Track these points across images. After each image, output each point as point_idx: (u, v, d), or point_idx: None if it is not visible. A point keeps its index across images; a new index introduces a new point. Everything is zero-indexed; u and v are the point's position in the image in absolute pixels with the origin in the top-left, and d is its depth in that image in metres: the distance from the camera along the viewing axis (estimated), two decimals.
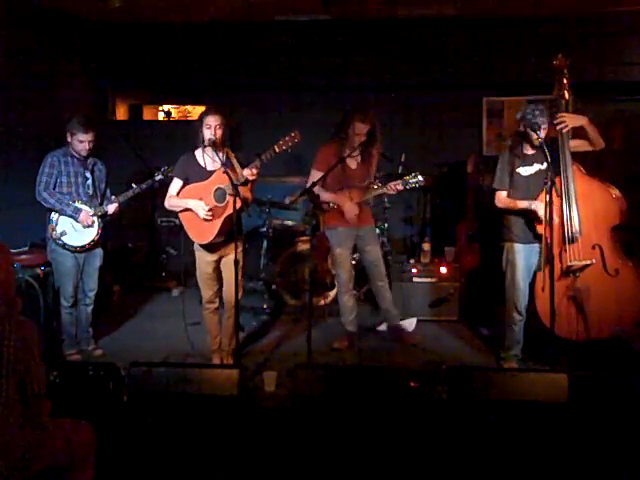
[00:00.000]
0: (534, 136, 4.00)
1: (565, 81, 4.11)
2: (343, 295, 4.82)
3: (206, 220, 4.06)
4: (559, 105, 4.12)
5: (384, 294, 4.88)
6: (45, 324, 4.59)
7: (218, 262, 4.26)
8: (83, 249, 4.55)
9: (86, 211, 4.50)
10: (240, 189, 3.91)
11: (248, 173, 4.00)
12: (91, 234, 4.55)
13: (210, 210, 4.05)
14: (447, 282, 5.47)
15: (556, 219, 3.97)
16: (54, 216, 4.47)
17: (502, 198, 4.22)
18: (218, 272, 4.29)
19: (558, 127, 4.00)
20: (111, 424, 3.09)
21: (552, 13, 6.06)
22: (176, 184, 4.23)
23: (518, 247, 4.19)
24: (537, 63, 6.11)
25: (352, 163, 4.70)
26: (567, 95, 4.11)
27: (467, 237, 6.14)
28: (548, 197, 3.70)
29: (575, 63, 4.18)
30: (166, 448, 3.11)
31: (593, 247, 4.08)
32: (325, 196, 4.59)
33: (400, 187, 4.57)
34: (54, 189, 4.45)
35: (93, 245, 4.59)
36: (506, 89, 6.65)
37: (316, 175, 4.54)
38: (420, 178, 4.54)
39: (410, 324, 5.29)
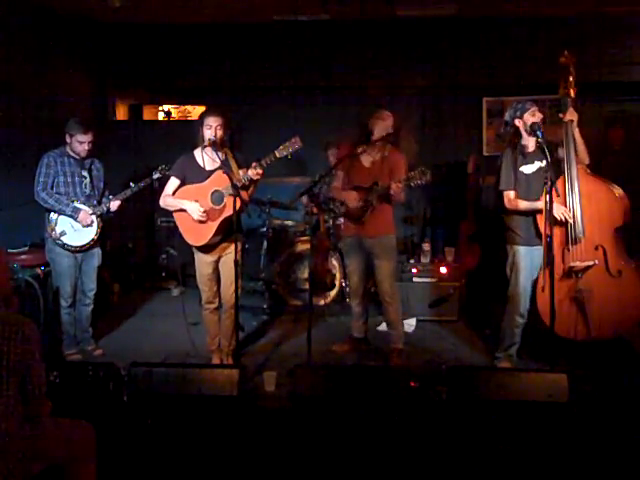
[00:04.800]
0: (531, 138, 4.00)
1: (571, 79, 4.04)
2: (352, 301, 4.76)
3: (201, 222, 4.04)
4: (565, 104, 4.05)
5: (387, 314, 4.55)
6: (45, 324, 4.60)
7: (217, 262, 4.25)
8: (82, 249, 4.55)
9: (85, 210, 4.50)
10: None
11: (253, 173, 3.95)
12: (90, 234, 4.55)
13: (205, 212, 4.03)
14: (447, 282, 5.47)
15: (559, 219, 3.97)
16: (53, 216, 4.47)
17: (512, 199, 4.10)
18: (217, 272, 4.29)
19: (567, 119, 3.97)
20: (111, 424, 3.09)
21: (552, 13, 6.07)
22: (173, 183, 4.20)
23: (523, 250, 4.12)
24: (537, 63, 6.11)
25: (366, 161, 4.41)
26: (573, 93, 4.05)
27: (467, 237, 6.14)
28: (548, 197, 3.69)
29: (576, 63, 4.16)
30: (166, 448, 3.11)
31: (596, 248, 4.05)
32: (337, 195, 4.51)
33: (401, 184, 4.13)
34: (51, 189, 4.45)
35: (92, 245, 4.59)
36: (506, 89, 6.65)
37: (338, 176, 4.52)
38: (425, 174, 4.07)
39: (410, 324, 5.30)
